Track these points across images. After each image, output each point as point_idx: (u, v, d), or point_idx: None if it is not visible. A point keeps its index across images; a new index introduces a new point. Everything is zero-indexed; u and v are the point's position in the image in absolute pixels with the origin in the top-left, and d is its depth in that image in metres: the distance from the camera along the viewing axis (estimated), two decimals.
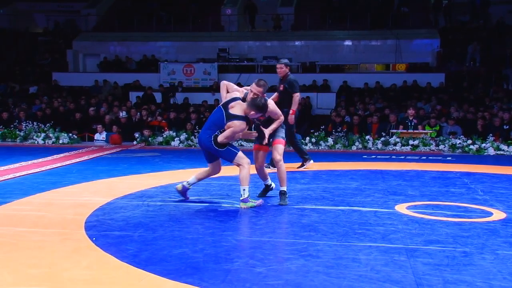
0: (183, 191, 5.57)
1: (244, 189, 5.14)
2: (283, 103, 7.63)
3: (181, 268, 3.41)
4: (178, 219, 4.73)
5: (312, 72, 18.69)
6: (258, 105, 5.06)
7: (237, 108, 5.15)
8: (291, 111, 7.65)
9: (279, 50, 20.01)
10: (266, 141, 5.38)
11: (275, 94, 7.92)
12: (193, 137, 11.91)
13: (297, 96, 7.71)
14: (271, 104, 5.38)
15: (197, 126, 12.62)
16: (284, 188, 5.47)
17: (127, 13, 22.28)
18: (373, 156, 9.99)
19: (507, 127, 11.98)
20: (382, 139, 11.29)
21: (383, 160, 9.41)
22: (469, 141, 10.90)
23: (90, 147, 11.26)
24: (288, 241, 4.05)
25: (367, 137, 11.39)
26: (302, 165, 8.04)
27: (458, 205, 5.42)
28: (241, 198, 5.17)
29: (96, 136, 12.61)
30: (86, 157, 9.36)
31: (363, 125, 12.77)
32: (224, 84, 5.53)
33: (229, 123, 5.10)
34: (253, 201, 5.23)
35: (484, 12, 20.29)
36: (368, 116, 13.34)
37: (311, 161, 8.12)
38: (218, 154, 5.26)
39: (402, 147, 11.06)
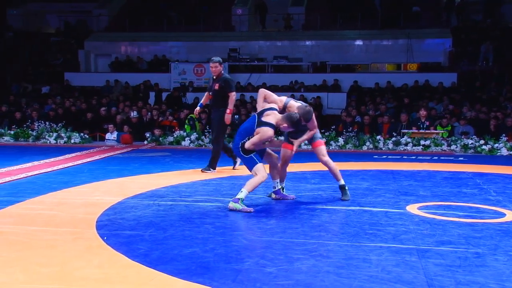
0: (281, 195, 5.62)
1: (242, 191, 5.06)
2: (218, 102, 7.51)
3: (192, 267, 3.41)
4: (189, 219, 4.74)
5: (322, 72, 18.66)
6: (293, 120, 5.13)
7: (270, 117, 5.21)
8: (228, 111, 7.42)
9: (290, 50, 20.00)
10: (294, 151, 5.58)
11: (206, 94, 7.80)
12: (203, 137, 11.92)
13: (233, 95, 7.51)
14: (313, 116, 5.43)
15: (207, 126, 12.64)
16: (342, 182, 5.62)
17: (138, 13, 22.39)
18: (384, 156, 9.94)
19: None
20: (393, 139, 11.23)
21: (394, 160, 9.35)
22: (482, 141, 10.80)
23: (101, 146, 11.33)
24: (299, 241, 4.04)
25: (378, 137, 11.33)
26: (206, 169, 7.66)
27: (470, 205, 5.37)
28: (234, 197, 5.10)
29: (107, 135, 12.68)
30: (97, 157, 9.41)
31: (374, 125, 12.71)
32: (262, 92, 5.52)
33: (257, 129, 5.15)
34: (243, 205, 5.03)
35: (497, 11, 20.10)
36: (379, 116, 13.28)
37: (213, 171, 7.68)
38: (242, 161, 5.37)
39: (414, 147, 10.99)
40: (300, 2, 21.92)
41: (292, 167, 8.11)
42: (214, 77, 7.67)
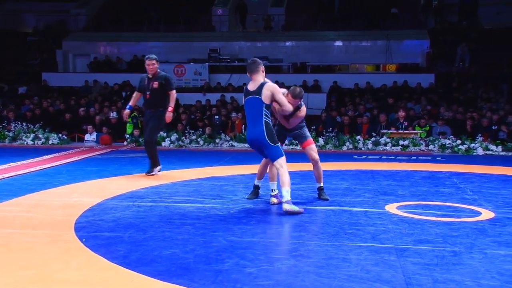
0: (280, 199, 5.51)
1: (287, 191, 4.95)
2: (157, 102, 7.25)
3: (172, 269, 3.40)
4: (169, 220, 4.72)
5: (303, 73, 18.75)
6: (295, 92, 5.30)
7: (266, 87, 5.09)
8: (170, 109, 7.22)
9: (270, 51, 20.06)
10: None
11: (136, 95, 7.51)
12: (183, 137, 11.89)
13: (175, 93, 7.33)
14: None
15: (188, 127, 12.61)
16: (322, 185, 5.71)
17: (117, 13, 22.20)
18: (364, 156, 10.04)
19: (496, 127, 12.08)
20: (373, 139, 11.34)
21: (373, 160, 9.45)
22: (459, 141, 10.99)
23: (80, 147, 11.20)
24: (279, 241, 4.06)
25: (358, 137, 11.44)
26: (150, 172, 7.37)
27: (448, 205, 5.46)
28: (284, 200, 4.97)
29: (86, 136, 12.54)
30: (76, 158, 9.31)
31: (354, 125, 12.82)
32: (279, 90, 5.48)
33: (274, 103, 5.12)
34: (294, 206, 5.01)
35: (473, 13, 20.46)
36: (358, 117, 13.39)
37: (159, 168, 7.50)
38: (267, 149, 5.09)
39: (393, 147, 11.12)
40: (280, 3, 22.01)
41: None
42: (150, 76, 7.33)
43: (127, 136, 12.13)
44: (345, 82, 17.64)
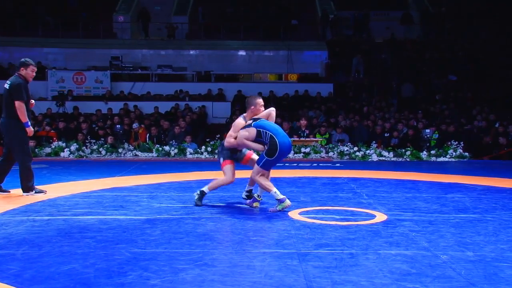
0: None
1: (275, 192, 5.41)
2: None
3: (70, 285, 3.25)
4: (68, 234, 4.50)
5: (207, 81, 18.80)
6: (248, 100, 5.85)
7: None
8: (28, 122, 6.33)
9: (174, 59, 19.93)
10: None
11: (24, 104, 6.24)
12: (84, 147, 11.42)
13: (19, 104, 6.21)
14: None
15: (88, 136, 12.13)
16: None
17: (9, 17, 20.84)
18: None
19: (388, 134, 12.91)
20: None
21: (276, 168, 9.62)
22: (355, 148, 11.59)
23: None
24: (184, 251, 4.03)
25: None
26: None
27: (346, 209, 5.73)
28: (277, 198, 5.43)
29: None
30: None
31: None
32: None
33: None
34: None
35: (365, 27, 21.74)
36: None
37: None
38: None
39: (295, 155, 11.46)
40: (183, 12, 21.94)
41: (177, 177, 8.05)
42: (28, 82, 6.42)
43: None
44: (249, 91, 17.86)
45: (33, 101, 6.58)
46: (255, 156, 5.94)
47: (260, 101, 5.84)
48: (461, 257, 3.88)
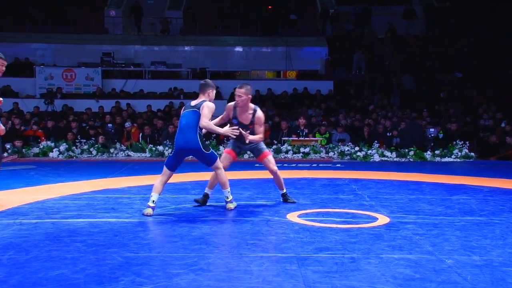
0: None
1: (228, 191, 5.51)
2: None
3: None
4: (56, 238, 4.35)
5: (202, 78, 18.52)
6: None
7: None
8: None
9: (168, 55, 19.57)
10: (247, 140, 5.69)
11: None
12: (74, 147, 11.26)
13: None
14: (262, 116, 5.80)
15: (79, 136, 11.97)
16: (284, 191, 6.08)
17: None
18: None
19: (390, 134, 12.74)
20: (274, 147, 11.47)
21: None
22: (357, 148, 11.43)
23: None
24: (178, 255, 3.88)
25: None
26: None
27: (347, 211, 5.59)
28: (227, 200, 5.53)
29: None
30: None
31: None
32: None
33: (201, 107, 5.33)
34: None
35: (367, 22, 21.49)
36: None
37: None
38: (203, 157, 5.35)
39: (294, 155, 11.32)
40: (177, 6, 21.57)
41: (171, 178, 7.90)
42: None
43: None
44: None
45: (1, 98, 6.35)
46: (271, 158, 5.99)
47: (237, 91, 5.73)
48: (467, 261, 3.75)
